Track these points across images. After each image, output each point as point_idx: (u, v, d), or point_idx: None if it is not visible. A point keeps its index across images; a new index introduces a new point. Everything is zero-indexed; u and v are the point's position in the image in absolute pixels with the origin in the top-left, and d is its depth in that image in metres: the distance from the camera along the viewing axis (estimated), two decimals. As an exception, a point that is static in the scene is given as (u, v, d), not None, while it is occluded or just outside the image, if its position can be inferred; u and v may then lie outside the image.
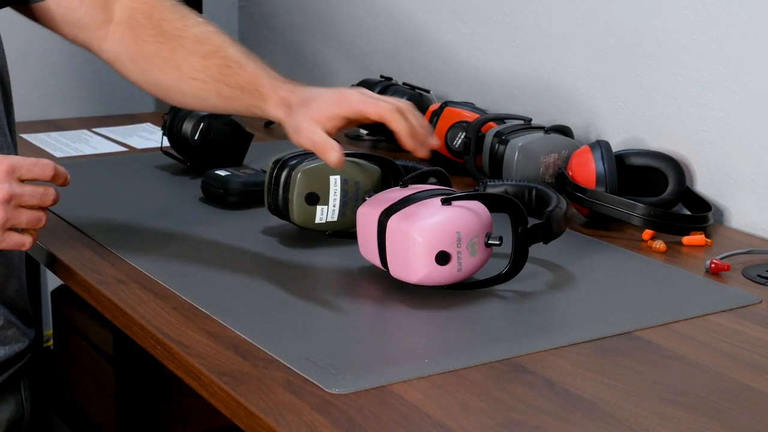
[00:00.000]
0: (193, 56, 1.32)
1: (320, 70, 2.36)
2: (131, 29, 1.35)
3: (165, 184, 1.64)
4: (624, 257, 1.37)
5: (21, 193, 1.13)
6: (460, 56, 1.98)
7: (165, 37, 1.34)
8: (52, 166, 1.15)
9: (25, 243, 1.16)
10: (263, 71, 1.30)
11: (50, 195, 1.16)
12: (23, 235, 1.16)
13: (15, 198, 1.13)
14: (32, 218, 1.15)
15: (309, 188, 1.32)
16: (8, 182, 1.12)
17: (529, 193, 1.34)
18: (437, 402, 0.97)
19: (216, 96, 1.32)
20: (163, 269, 1.26)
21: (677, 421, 0.95)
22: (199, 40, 1.33)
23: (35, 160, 1.14)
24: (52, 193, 1.16)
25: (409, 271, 1.17)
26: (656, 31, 1.61)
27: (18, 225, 1.15)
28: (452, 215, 1.16)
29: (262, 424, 0.93)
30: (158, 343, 1.10)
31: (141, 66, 1.36)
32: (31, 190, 1.14)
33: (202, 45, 1.33)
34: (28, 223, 1.15)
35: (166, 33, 1.34)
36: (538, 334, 1.12)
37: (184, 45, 1.33)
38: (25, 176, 1.14)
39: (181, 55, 1.33)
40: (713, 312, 1.19)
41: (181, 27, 1.34)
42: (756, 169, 1.49)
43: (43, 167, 1.14)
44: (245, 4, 2.58)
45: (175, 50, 1.33)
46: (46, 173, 1.15)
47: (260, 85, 1.29)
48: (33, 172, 1.14)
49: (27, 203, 1.14)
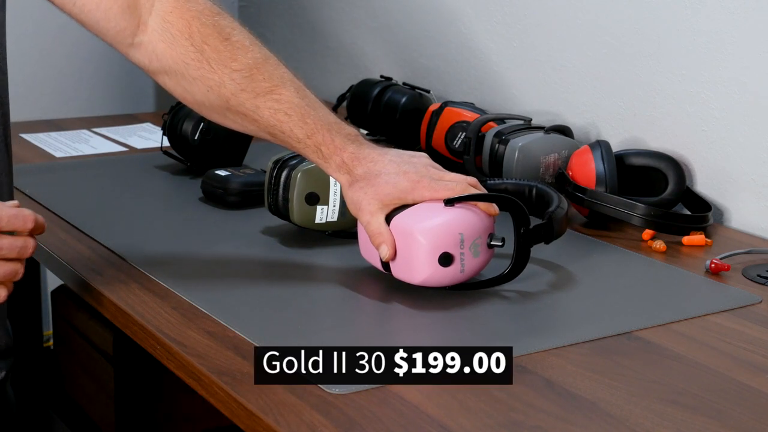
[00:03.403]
0: (244, 94, 1.19)
1: (320, 70, 2.36)
2: (166, 44, 1.21)
3: (165, 184, 1.64)
4: (624, 257, 1.37)
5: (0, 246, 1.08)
6: (460, 56, 1.98)
7: (210, 65, 1.20)
8: (32, 219, 1.09)
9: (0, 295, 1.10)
10: (324, 125, 1.19)
11: (29, 248, 1.09)
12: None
13: None
14: (9, 271, 1.09)
15: (309, 188, 1.32)
16: None
17: (530, 192, 1.34)
18: (437, 402, 0.96)
19: (265, 133, 1.22)
20: (163, 269, 1.26)
21: (677, 421, 0.95)
22: (249, 76, 1.19)
23: (16, 212, 1.09)
24: (31, 246, 1.10)
25: (412, 273, 1.17)
26: (656, 31, 1.61)
27: None
28: (455, 216, 1.16)
29: (261, 424, 0.93)
30: (158, 342, 1.10)
31: (179, 83, 1.23)
32: (9, 244, 1.08)
33: (253, 81, 1.19)
34: (4, 276, 1.09)
35: (210, 61, 1.20)
36: (538, 334, 1.12)
37: (232, 79, 1.19)
38: (5, 228, 1.08)
39: (230, 90, 1.19)
40: (713, 312, 1.19)
41: (227, 57, 1.20)
42: (756, 169, 1.49)
43: (23, 219, 1.09)
44: (245, 4, 2.58)
45: (223, 84, 1.19)
46: (27, 225, 1.09)
47: (321, 144, 1.19)
48: (13, 224, 1.08)
49: (5, 257, 1.09)
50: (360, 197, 1.17)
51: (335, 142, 1.19)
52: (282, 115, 1.19)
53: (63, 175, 1.66)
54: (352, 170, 1.18)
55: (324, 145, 1.19)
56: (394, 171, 1.18)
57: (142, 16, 1.21)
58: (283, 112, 1.19)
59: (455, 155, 1.68)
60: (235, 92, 1.19)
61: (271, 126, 1.20)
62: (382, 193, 1.17)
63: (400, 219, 1.17)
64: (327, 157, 1.19)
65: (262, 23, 2.53)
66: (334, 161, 1.19)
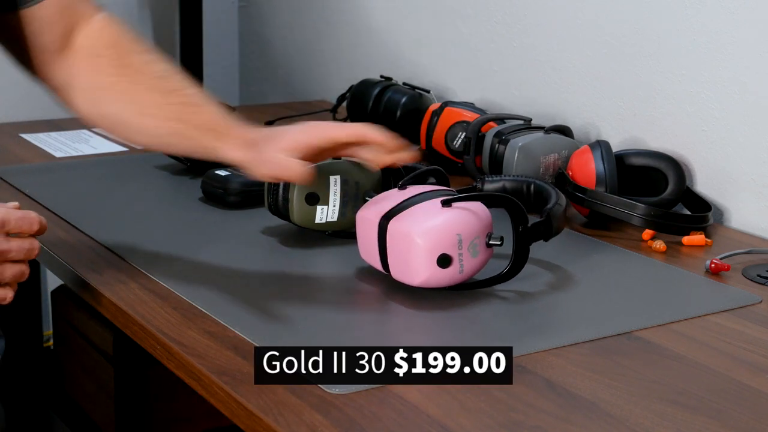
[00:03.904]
0: (154, 93, 1.28)
1: (320, 70, 2.36)
2: (90, 59, 1.30)
3: (165, 184, 1.64)
4: (624, 257, 1.37)
5: (9, 249, 1.12)
6: (460, 56, 1.98)
7: (126, 69, 1.29)
8: (38, 221, 1.14)
9: (6, 297, 1.14)
10: (222, 114, 1.27)
11: (35, 250, 1.14)
12: (5, 289, 1.14)
13: (3, 254, 1.12)
14: (17, 272, 1.14)
15: (309, 188, 1.32)
16: None
17: (528, 188, 1.34)
18: (437, 402, 0.97)
19: (169, 134, 1.29)
20: (163, 269, 1.26)
21: (677, 421, 0.95)
22: (161, 77, 1.29)
23: (23, 214, 1.13)
24: (37, 248, 1.15)
25: (410, 275, 1.17)
26: (656, 31, 1.61)
27: (2, 280, 1.13)
28: (453, 217, 1.16)
29: (261, 424, 0.93)
30: (158, 342, 1.10)
31: (92, 97, 1.30)
32: (18, 246, 1.13)
33: (164, 82, 1.29)
34: (11, 278, 1.14)
35: (128, 65, 1.30)
36: (538, 334, 1.12)
37: (144, 81, 1.29)
38: (13, 230, 1.13)
39: (141, 90, 1.28)
40: (713, 312, 1.19)
41: (144, 61, 1.30)
42: (756, 169, 1.49)
43: (30, 221, 1.13)
44: (245, 4, 2.58)
45: (136, 84, 1.29)
46: (33, 228, 1.14)
47: (217, 125, 1.26)
48: (21, 227, 1.13)
49: (14, 258, 1.13)
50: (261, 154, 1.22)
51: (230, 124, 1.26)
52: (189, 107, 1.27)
53: (63, 175, 1.66)
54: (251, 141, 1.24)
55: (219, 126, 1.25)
56: (288, 127, 1.26)
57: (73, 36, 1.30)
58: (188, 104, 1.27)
59: (455, 155, 1.69)
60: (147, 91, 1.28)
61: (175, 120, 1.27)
62: (285, 142, 1.22)
63: (398, 221, 1.17)
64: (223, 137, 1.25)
65: (262, 23, 2.53)
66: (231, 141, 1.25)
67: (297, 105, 2.12)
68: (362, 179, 1.34)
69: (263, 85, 2.47)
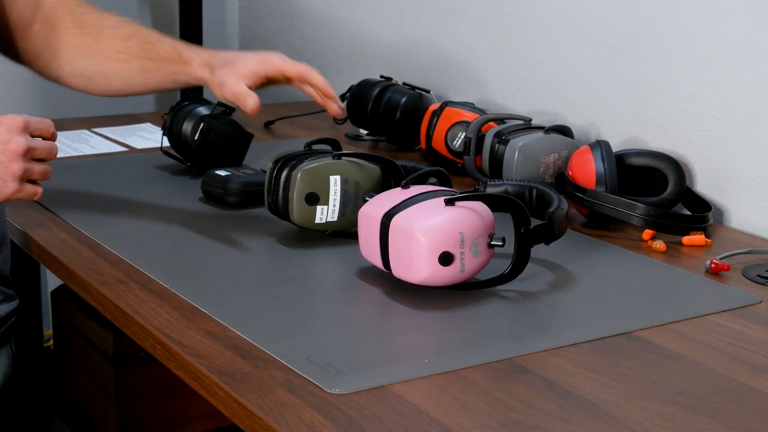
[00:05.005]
0: (115, 40, 1.46)
1: (320, 70, 2.35)
2: (52, 26, 1.47)
3: (165, 184, 1.64)
4: (624, 257, 1.37)
5: (35, 146, 1.24)
6: (460, 56, 1.98)
7: (86, 28, 1.47)
8: (53, 124, 1.29)
9: (37, 192, 1.27)
10: (181, 42, 1.46)
11: (55, 149, 1.28)
12: (35, 186, 1.26)
13: (30, 151, 1.24)
14: (43, 170, 1.26)
15: (309, 188, 1.32)
16: (24, 137, 1.23)
17: (530, 193, 1.34)
18: (437, 402, 0.97)
19: (140, 72, 1.45)
20: (163, 269, 1.26)
21: (677, 421, 0.95)
22: (117, 26, 1.47)
23: (40, 119, 1.26)
24: (56, 147, 1.28)
25: (411, 272, 1.17)
26: (656, 31, 1.61)
27: (32, 176, 1.25)
28: (455, 216, 1.16)
29: (262, 424, 0.93)
30: (158, 342, 1.10)
31: (64, 58, 1.47)
32: (42, 144, 1.25)
33: (121, 29, 1.47)
34: (40, 175, 1.26)
35: (86, 24, 1.47)
36: (538, 334, 1.12)
37: (104, 32, 1.47)
38: (34, 132, 1.25)
39: (104, 40, 1.46)
40: (713, 312, 1.19)
41: (99, 17, 1.48)
42: (756, 169, 1.49)
43: (48, 124, 1.27)
44: (245, 4, 2.58)
45: (98, 37, 1.46)
46: (50, 130, 1.28)
47: (181, 52, 1.44)
48: (41, 129, 1.26)
49: (39, 156, 1.25)
50: (222, 78, 1.40)
51: (192, 49, 1.45)
52: (146, 44, 1.45)
53: (63, 175, 1.66)
54: (211, 63, 1.42)
55: (183, 52, 1.44)
56: (248, 54, 1.44)
57: (38, 10, 1.47)
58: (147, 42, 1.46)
59: (455, 155, 1.69)
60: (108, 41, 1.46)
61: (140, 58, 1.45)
62: (239, 68, 1.40)
63: (401, 218, 1.17)
64: (189, 60, 1.43)
65: (262, 23, 2.53)
66: (196, 62, 1.43)
67: (297, 105, 2.12)
68: (362, 179, 1.34)
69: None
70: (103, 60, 1.46)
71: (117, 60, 1.45)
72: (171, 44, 1.46)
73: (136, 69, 1.46)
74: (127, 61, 1.45)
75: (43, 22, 1.47)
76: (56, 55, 1.48)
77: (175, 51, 1.44)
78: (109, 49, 1.46)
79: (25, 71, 1.54)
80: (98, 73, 1.48)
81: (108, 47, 1.46)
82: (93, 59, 1.47)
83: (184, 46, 1.46)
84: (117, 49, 1.46)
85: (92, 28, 1.47)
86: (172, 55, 1.44)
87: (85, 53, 1.47)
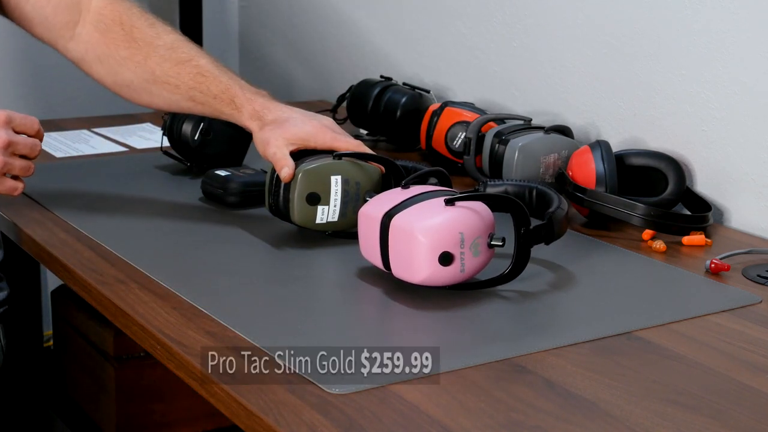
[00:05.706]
0: (167, 63, 1.41)
1: (320, 70, 2.36)
2: (100, 33, 1.44)
3: (165, 184, 1.64)
4: (624, 257, 1.37)
5: (17, 141, 1.26)
6: (460, 56, 1.98)
7: (137, 43, 1.42)
8: (38, 122, 1.30)
9: (18, 188, 1.29)
10: (236, 83, 1.40)
11: (38, 146, 1.29)
12: (15, 182, 1.29)
13: (12, 146, 1.26)
14: (24, 166, 1.28)
15: (310, 188, 1.32)
16: (5, 131, 1.25)
17: (530, 193, 1.34)
18: (437, 402, 0.97)
19: (187, 100, 1.41)
20: (163, 269, 1.26)
21: (677, 421, 0.95)
22: (171, 48, 1.42)
23: (24, 115, 1.27)
24: (39, 145, 1.29)
25: (411, 272, 1.17)
26: (656, 31, 1.61)
27: (12, 171, 1.27)
28: (456, 216, 1.16)
29: (262, 424, 0.93)
30: (158, 342, 1.10)
31: (110, 67, 1.44)
32: (24, 140, 1.27)
33: (175, 52, 1.42)
34: (20, 170, 1.28)
35: (138, 40, 1.43)
36: (538, 334, 1.12)
37: (157, 52, 1.42)
38: (18, 128, 1.27)
39: (155, 61, 1.41)
40: (713, 312, 1.19)
41: (152, 35, 1.43)
42: (756, 169, 1.49)
43: (32, 121, 1.29)
44: (245, 4, 2.58)
45: (149, 56, 1.42)
46: (34, 127, 1.29)
47: (235, 96, 1.38)
48: (24, 125, 1.28)
49: (20, 152, 1.27)
50: (269, 136, 1.34)
51: (246, 95, 1.39)
52: (200, 77, 1.40)
53: (63, 175, 1.66)
54: (262, 117, 1.37)
55: (237, 97, 1.38)
56: (301, 118, 1.37)
57: (82, 12, 1.44)
58: (200, 74, 1.40)
59: (455, 155, 1.69)
60: (160, 62, 1.41)
61: (191, 88, 1.40)
62: (288, 133, 1.34)
63: (401, 218, 1.17)
64: (240, 107, 1.38)
65: (262, 23, 2.53)
66: (247, 110, 1.38)
67: (297, 105, 2.12)
68: (363, 179, 1.34)
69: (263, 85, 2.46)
70: (151, 78, 1.42)
71: (166, 82, 1.41)
72: (225, 84, 1.39)
73: (183, 96, 1.41)
74: (176, 86, 1.41)
75: (87, 27, 1.44)
76: (101, 62, 1.45)
77: (227, 93, 1.39)
78: (160, 70, 1.41)
79: (25, 71, 1.54)
80: (144, 90, 1.44)
81: (159, 69, 1.41)
82: (141, 75, 1.42)
83: (239, 87, 1.39)
84: (168, 72, 1.41)
85: (144, 45, 1.42)
86: (223, 97, 1.39)
87: (134, 68, 1.43)
